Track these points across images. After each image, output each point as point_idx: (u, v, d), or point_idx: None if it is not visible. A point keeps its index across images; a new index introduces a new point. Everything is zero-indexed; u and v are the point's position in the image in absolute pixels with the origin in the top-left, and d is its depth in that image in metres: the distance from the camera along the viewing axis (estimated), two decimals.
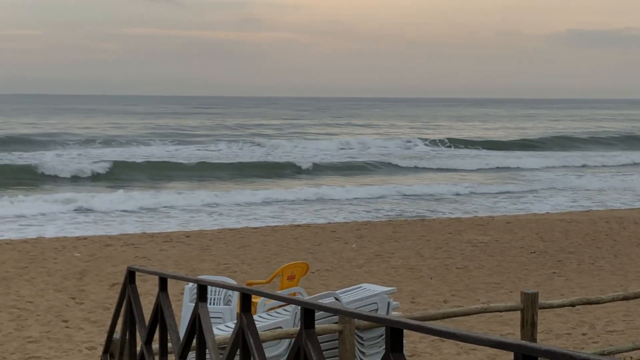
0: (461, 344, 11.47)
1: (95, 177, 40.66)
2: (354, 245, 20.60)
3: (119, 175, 41.34)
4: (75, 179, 40.03)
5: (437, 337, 11.42)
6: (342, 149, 60.22)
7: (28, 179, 38.98)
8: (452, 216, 27.71)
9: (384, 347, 8.96)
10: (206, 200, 31.17)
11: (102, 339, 11.09)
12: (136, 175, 41.41)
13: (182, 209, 29.40)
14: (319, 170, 45.62)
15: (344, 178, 42.91)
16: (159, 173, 42.51)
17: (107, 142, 59.98)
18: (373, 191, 34.93)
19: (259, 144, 61.45)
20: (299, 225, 24.53)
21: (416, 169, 48.16)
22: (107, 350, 9.03)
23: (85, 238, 21.60)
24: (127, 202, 29.92)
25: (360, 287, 10.14)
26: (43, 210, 28.10)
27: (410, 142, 66.20)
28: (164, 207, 29.74)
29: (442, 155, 57.50)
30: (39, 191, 34.93)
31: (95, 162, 44.64)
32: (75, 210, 28.49)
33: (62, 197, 30.75)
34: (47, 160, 47.64)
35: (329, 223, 25.39)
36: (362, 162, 49.73)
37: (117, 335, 8.79)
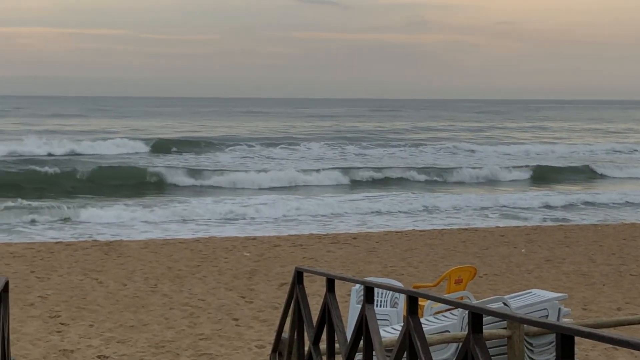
0: (636, 352, 11.08)
1: (263, 184, 40.26)
2: (523, 250, 20.23)
3: (296, 179, 40.94)
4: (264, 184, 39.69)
5: (611, 346, 11.08)
6: (526, 154, 57.87)
7: (205, 181, 39.67)
8: (627, 222, 26.83)
9: (554, 354, 8.75)
10: (385, 204, 31.12)
11: (271, 337, 11.27)
12: (309, 180, 41.09)
13: (356, 213, 29.34)
14: (499, 176, 44.27)
15: (525, 184, 41.76)
16: (343, 175, 42.06)
17: (285, 143, 59.59)
18: (549, 197, 33.52)
19: (447, 148, 59.75)
20: (466, 229, 24.29)
21: (607, 177, 46.05)
22: (275, 349, 9.18)
23: (254, 238, 22.03)
24: (305, 207, 30.05)
25: (530, 292, 9.94)
26: (223, 211, 28.60)
27: (594, 147, 63.49)
28: (341, 210, 29.69)
29: (632, 160, 55.16)
30: (220, 193, 35.48)
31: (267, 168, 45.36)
32: (255, 211, 28.74)
33: (250, 200, 31.40)
34: (225, 160, 48.87)
35: (497, 227, 25.03)
36: (542, 166, 47.71)
37: (285, 334, 8.92)
